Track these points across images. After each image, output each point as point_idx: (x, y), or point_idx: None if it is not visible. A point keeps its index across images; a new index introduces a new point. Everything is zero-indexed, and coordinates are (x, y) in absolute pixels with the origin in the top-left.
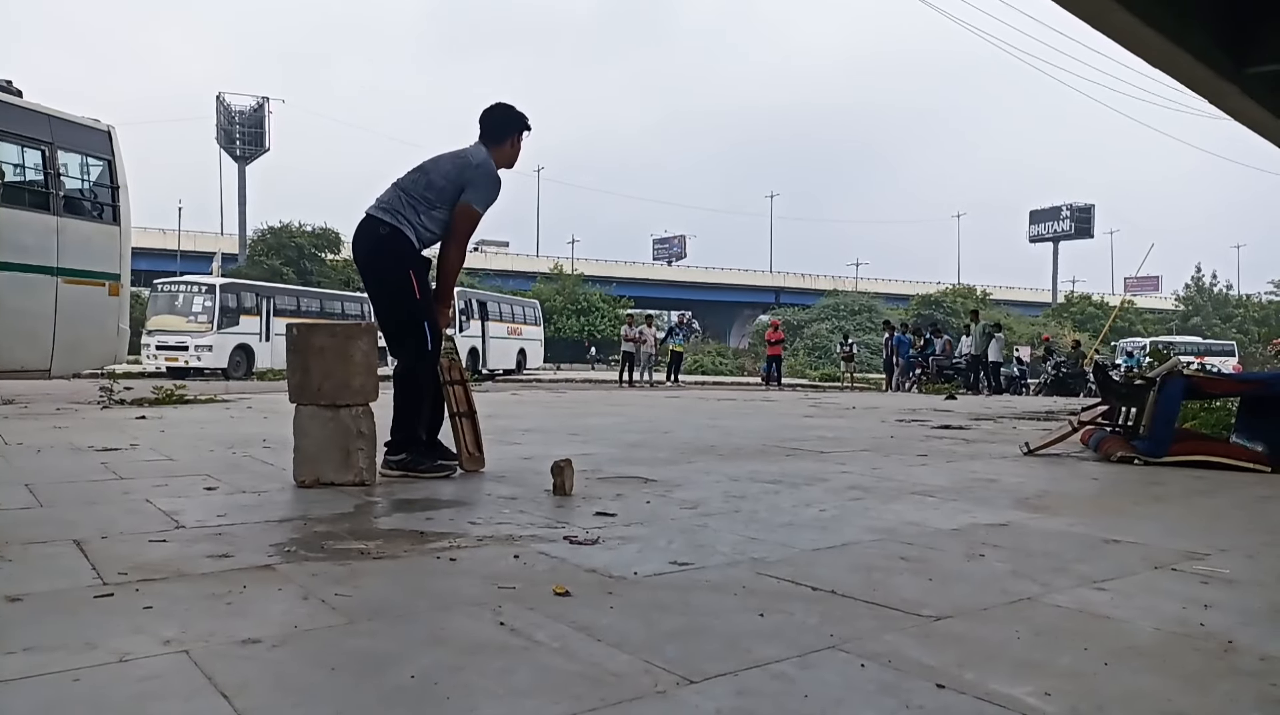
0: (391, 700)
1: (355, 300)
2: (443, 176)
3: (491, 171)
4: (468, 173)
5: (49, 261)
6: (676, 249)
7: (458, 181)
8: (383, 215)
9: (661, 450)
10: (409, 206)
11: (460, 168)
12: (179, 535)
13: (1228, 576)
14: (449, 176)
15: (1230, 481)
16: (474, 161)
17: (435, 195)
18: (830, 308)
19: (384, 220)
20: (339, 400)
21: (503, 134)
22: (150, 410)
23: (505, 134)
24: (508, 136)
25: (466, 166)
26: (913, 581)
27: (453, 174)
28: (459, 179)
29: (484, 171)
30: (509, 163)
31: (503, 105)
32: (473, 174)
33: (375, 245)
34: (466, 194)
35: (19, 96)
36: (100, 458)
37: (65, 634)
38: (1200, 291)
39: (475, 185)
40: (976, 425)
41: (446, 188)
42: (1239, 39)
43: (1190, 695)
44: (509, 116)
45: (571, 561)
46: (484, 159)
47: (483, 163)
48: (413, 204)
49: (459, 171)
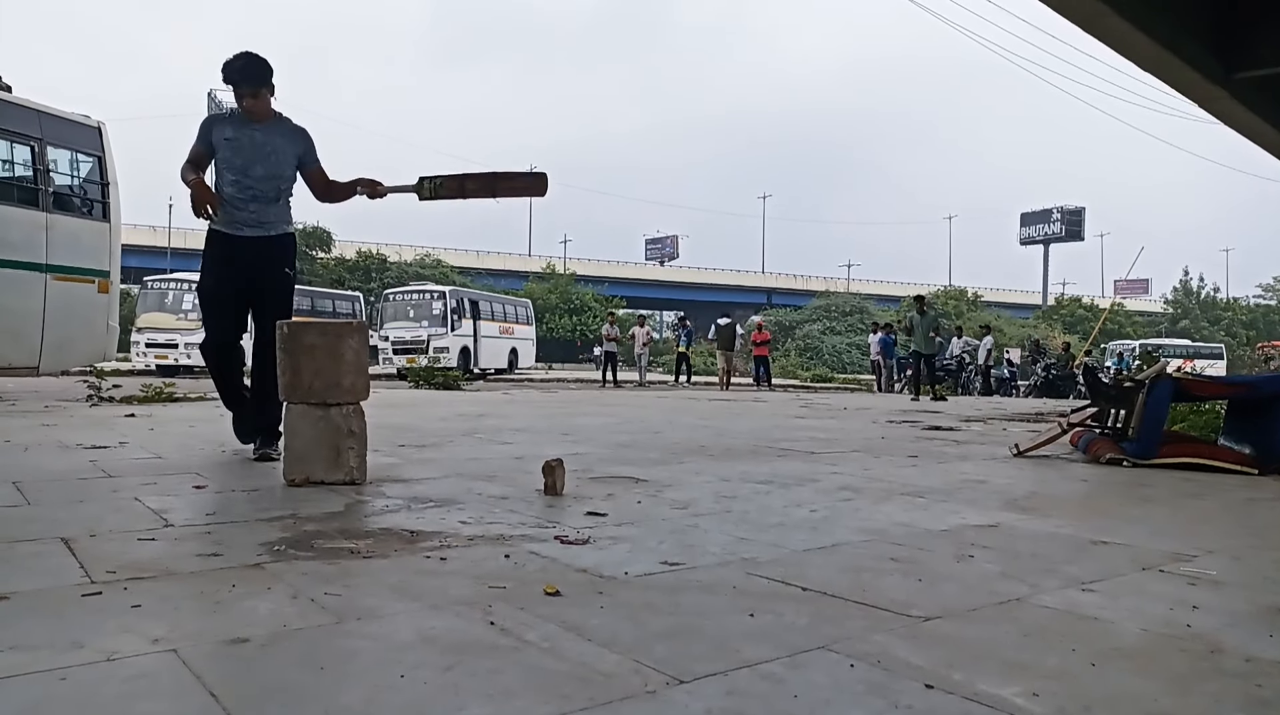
0: (380, 700)
1: (346, 298)
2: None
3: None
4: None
5: (38, 258)
6: (669, 249)
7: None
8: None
9: (652, 450)
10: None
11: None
12: (168, 534)
13: (1215, 578)
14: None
15: (1218, 484)
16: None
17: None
18: (822, 309)
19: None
20: (329, 399)
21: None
22: (139, 408)
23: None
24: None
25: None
26: (902, 582)
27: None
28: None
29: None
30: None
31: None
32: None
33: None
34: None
35: (8, 91)
36: (89, 456)
37: (52, 633)
38: (1189, 295)
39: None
40: (966, 427)
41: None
42: (1229, 45)
43: (1176, 696)
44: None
45: (562, 561)
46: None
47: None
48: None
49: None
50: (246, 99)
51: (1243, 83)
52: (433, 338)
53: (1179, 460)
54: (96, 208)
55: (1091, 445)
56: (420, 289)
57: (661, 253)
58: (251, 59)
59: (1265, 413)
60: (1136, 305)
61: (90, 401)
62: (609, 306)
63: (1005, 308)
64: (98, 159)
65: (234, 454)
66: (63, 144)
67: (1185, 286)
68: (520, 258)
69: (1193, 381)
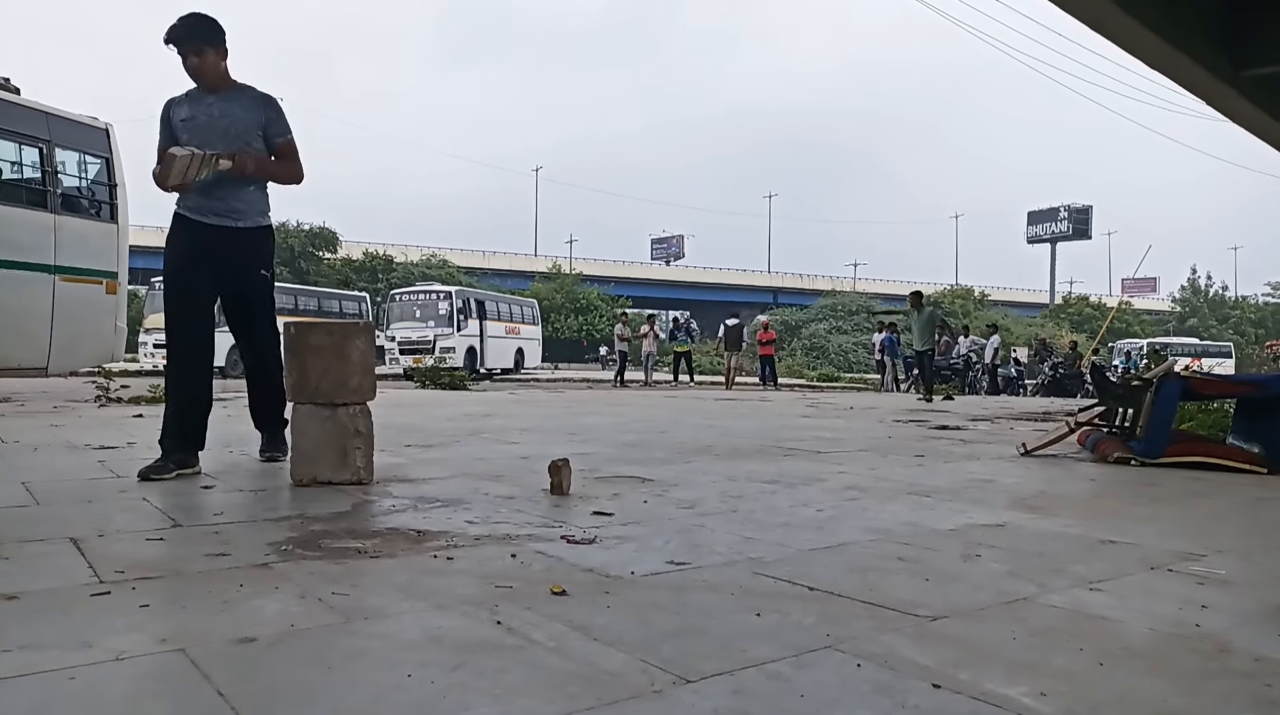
0: (387, 699)
1: (353, 299)
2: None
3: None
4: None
5: (46, 259)
6: (675, 249)
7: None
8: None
9: (658, 450)
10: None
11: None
12: (176, 534)
13: (1223, 577)
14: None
15: (1226, 483)
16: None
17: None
18: (828, 308)
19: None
20: (336, 399)
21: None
22: (147, 408)
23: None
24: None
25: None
26: (909, 582)
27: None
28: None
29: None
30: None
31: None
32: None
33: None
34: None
35: (16, 94)
36: (97, 456)
37: (61, 632)
38: (1197, 293)
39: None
40: (973, 426)
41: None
42: (1238, 42)
43: (1185, 696)
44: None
45: (568, 561)
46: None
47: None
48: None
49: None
50: (191, 59)
51: (1252, 80)
52: (439, 338)
53: (1187, 459)
54: (104, 209)
55: (1099, 444)
56: (426, 289)
57: (667, 252)
58: (193, 15)
59: (1274, 412)
60: (1144, 304)
61: (98, 402)
62: (615, 306)
63: (1012, 307)
64: (105, 160)
65: (242, 454)
66: (71, 146)
67: (1193, 285)
68: (526, 258)
69: (1201, 380)
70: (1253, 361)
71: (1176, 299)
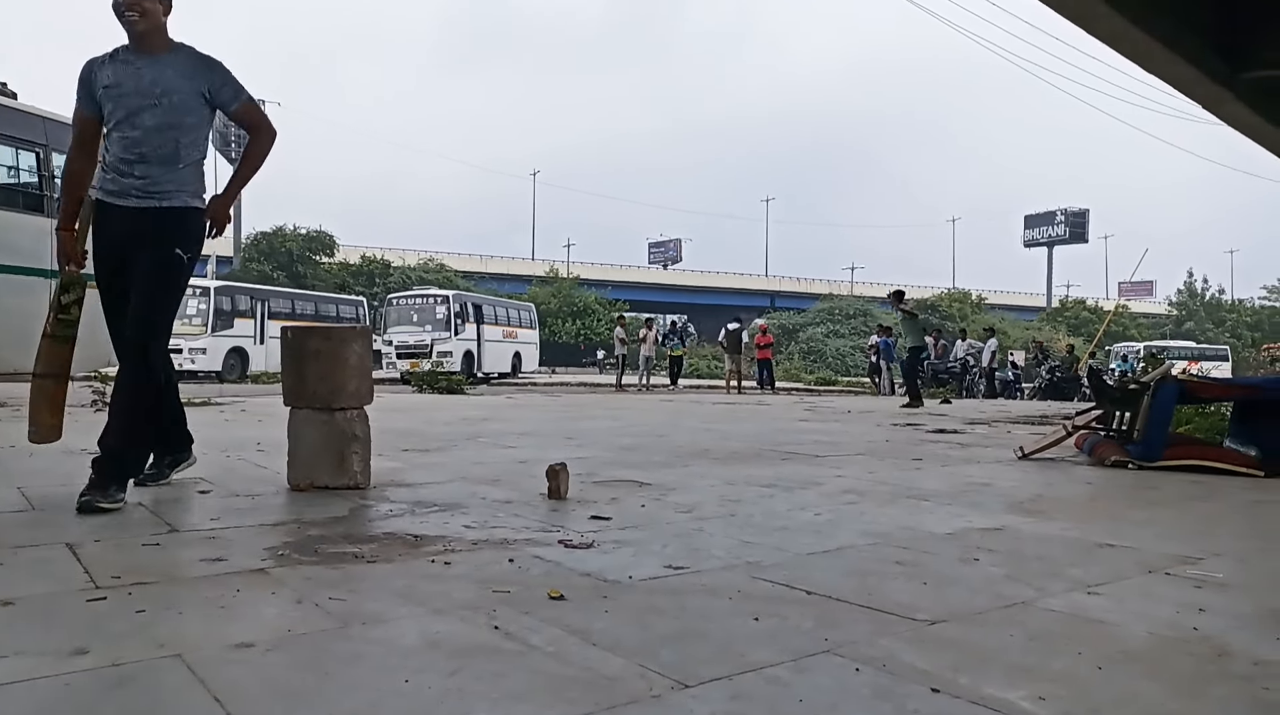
0: (385, 705)
1: (350, 303)
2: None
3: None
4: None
5: (43, 264)
6: (672, 253)
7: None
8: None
9: (656, 454)
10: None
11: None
12: (172, 539)
13: (1221, 581)
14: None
15: (1224, 486)
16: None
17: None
18: (825, 312)
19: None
20: (334, 403)
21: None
22: None
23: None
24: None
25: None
26: (907, 586)
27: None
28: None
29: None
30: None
31: None
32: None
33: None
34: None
35: (13, 98)
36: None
37: (57, 638)
38: (1193, 296)
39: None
40: (971, 429)
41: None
42: (1234, 44)
43: (1183, 699)
44: None
45: (566, 565)
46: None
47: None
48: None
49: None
50: (129, 13)
51: (1248, 83)
52: (436, 342)
53: (1184, 462)
54: None
55: (1096, 448)
56: (424, 293)
57: (665, 256)
58: None
59: (1271, 414)
60: (1141, 307)
61: (94, 407)
62: (612, 310)
63: (1009, 310)
64: None
65: (239, 460)
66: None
67: (1190, 288)
68: (524, 262)
69: (1198, 383)
70: (1250, 364)
71: (1173, 302)
